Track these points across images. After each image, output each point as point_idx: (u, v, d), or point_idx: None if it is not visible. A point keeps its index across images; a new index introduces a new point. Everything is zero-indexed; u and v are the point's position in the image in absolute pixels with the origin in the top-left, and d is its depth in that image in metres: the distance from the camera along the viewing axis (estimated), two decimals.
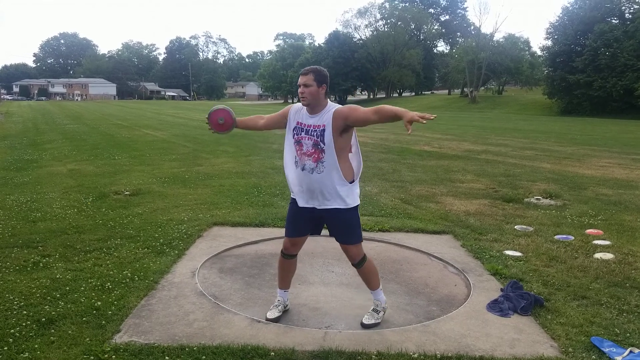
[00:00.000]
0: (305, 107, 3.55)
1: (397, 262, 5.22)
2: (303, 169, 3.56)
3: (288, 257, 3.89)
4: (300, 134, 3.55)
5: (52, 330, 3.44)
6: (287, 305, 4.00)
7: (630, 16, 59.19)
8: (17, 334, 3.38)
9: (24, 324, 3.52)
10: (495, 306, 4.05)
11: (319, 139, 3.46)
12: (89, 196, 7.84)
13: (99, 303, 3.88)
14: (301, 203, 3.66)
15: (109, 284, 4.29)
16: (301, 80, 3.46)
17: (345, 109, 3.42)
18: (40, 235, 5.69)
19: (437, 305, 4.18)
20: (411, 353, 3.28)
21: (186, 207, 7.27)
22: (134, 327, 3.57)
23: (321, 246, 5.55)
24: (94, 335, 3.39)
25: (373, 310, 3.86)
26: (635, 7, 58.66)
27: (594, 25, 56.44)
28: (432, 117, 3.06)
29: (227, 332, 3.54)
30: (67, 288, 4.17)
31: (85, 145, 15.60)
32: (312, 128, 3.50)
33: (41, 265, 4.75)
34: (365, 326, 3.75)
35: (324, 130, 3.45)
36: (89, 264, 4.80)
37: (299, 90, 3.47)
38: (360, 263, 3.75)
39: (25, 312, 3.71)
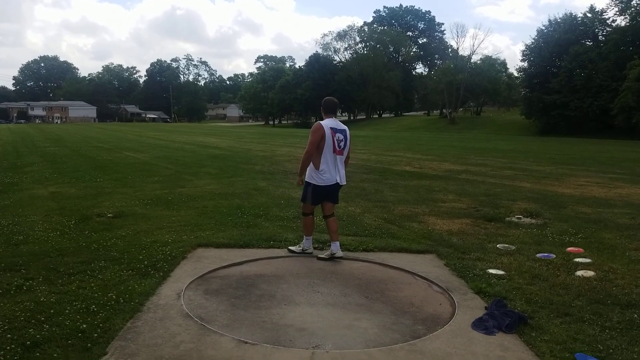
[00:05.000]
0: None
1: (382, 281, 5.26)
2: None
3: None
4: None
5: (37, 354, 3.41)
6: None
7: (603, 38, 60.68)
8: (2, 358, 3.34)
9: (8, 347, 3.47)
10: (480, 324, 4.09)
11: None
12: (71, 219, 7.77)
13: (84, 326, 3.84)
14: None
15: (94, 306, 4.25)
16: None
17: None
18: (23, 258, 5.62)
19: (423, 324, 4.21)
20: None
21: (170, 228, 7.24)
22: (120, 349, 3.54)
23: (306, 267, 5.57)
24: (80, 359, 3.36)
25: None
26: (608, 29, 60.18)
27: (568, 47, 57.66)
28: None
29: (213, 353, 3.53)
30: (52, 311, 4.13)
31: (66, 168, 15.45)
32: None
33: (25, 288, 4.70)
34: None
35: None
36: (73, 286, 4.76)
37: None
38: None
39: (9, 335, 3.66)
